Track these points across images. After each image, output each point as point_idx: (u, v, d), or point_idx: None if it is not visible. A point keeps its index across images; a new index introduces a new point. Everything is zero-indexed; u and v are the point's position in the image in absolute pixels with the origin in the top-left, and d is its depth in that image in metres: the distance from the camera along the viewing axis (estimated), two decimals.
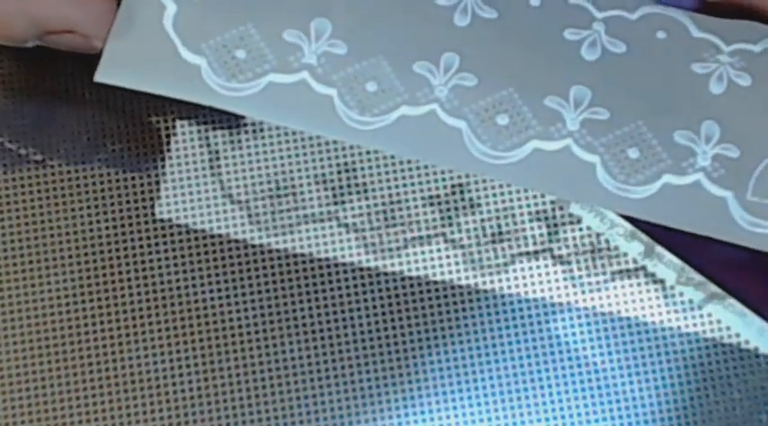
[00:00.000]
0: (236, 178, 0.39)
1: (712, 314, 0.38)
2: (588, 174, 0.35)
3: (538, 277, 0.38)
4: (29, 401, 0.37)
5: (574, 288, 0.38)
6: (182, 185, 0.38)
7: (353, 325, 0.38)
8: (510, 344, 0.38)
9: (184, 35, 0.35)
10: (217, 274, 0.38)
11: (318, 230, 0.38)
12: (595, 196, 0.35)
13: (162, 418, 0.37)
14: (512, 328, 0.38)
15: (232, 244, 0.38)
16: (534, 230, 0.39)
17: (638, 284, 0.38)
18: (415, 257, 0.38)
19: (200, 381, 0.37)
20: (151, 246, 0.38)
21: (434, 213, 0.39)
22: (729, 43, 0.36)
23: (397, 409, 0.38)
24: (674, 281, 0.38)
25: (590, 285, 0.38)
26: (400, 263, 0.38)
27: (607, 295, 0.38)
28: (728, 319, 0.38)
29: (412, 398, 0.38)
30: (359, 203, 0.39)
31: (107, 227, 0.38)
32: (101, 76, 0.35)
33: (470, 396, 0.38)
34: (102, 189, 0.38)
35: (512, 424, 0.38)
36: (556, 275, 0.38)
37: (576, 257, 0.38)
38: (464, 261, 0.38)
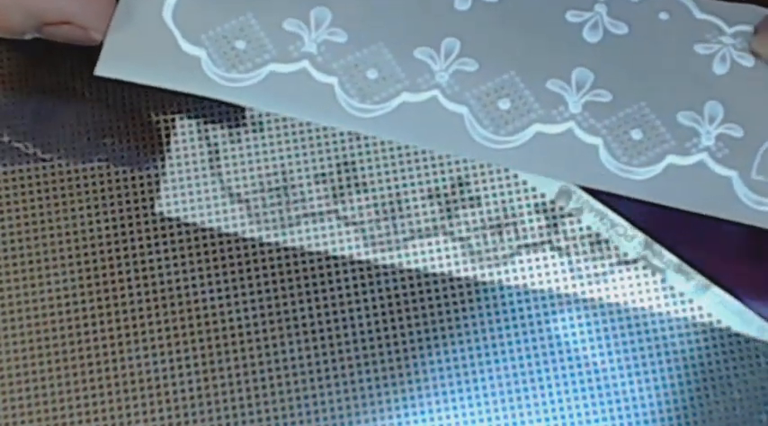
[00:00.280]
0: (235, 175, 0.39)
1: (712, 313, 0.38)
2: (591, 157, 0.35)
3: (537, 269, 0.38)
4: (29, 401, 0.37)
5: (573, 280, 0.38)
6: (181, 182, 0.38)
7: (353, 325, 0.38)
8: (510, 344, 0.38)
9: (184, 27, 0.35)
10: (216, 271, 0.38)
11: (319, 226, 0.38)
12: (599, 178, 0.35)
13: (162, 418, 0.37)
14: (511, 325, 0.38)
15: (232, 241, 0.38)
16: (534, 223, 0.38)
17: (636, 276, 0.38)
18: (417, 251, 0.38)
19: (200, 381, 0.37)
20: (151, 245, 0.38)
21: (434, 207, 0.39)
22: (732, 25, 0.36)
23: (397, 409, 0.38)
24: (672, 277, 0.38)
25: (589, 277, 0.38)
26: (401, 257, 0.38)
27: (606, 286, 0.38)
28: (722, 313, 0.38)
29: (412, 398, 0.38)
30: (359, 199, 0.39)
31: (107, 225, 0.38)
32: (101, 70, 0.35)
33: (470, 396, 0.38)
34: (101, 186, 0.38)
35: (512, 424, 0.38)
36: (555, 267, 0.38)
37: (576, 249, 0.38)
38: (465, 254, 0.38)
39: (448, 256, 0.38)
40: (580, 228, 0.38)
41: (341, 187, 0.39)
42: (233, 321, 0.38)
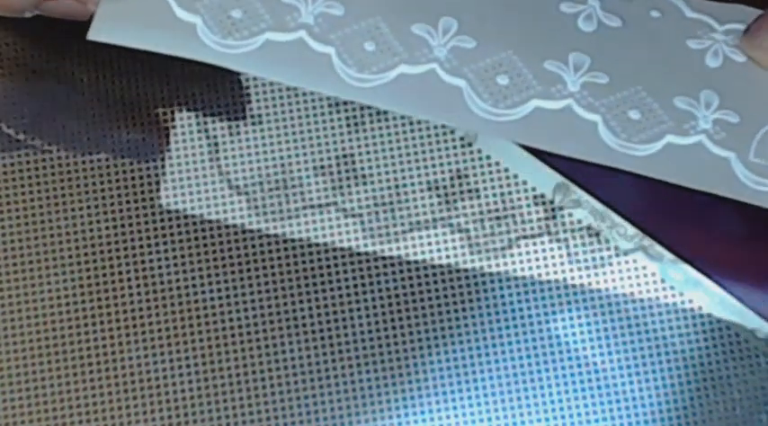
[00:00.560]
0: (235, 167, 0.39)
1: (712, 312, 0.38)
2: (590, 132, 0.35)
3: (536, 260, 0.38)
4: (29, 401, 0.37)
5: (572, 273, 0.38)
6: (181, 175, 0.38)
7: (352, 317, 0.38)
8: (510, 344, 0.38)
9: None
10: (216, 265, 0.38)
11: (319, 218, 0.38)
12: (599, 153, 0.35)
13: (162, 418, 0.37)
14: (510, 319, 0.38)
15: (231, 233, 0.38)
16: (533, 214, 0.39)
17: (637, 276, 0.38)
18: (416, 243, 0.38)
19: (200, 381, 0.37)
20: (150, 237, 0.38)
21: (434, 198, 0.39)
22: (723, 23, 0.36)
23: (397, 409, 0.37)
24: (665, 273, 0.38)
25: (588, 269, 0.38)
26: (401, 249, 0.38)
27: (605, 279, 0.38)
28: (722, 313, 0.38)
29: (412, 398, 0.38)
30: (359, 191, 0.39)
31: (105, 218, 0.38)
32: (94, 34, 0.35)
33: (470, 396, 0.38)
34: (101, 180, 0.38)
35: (512, 424, 0.38)
36: (554, 259, 0.38)
37: (575, 240, 0.38)
38: (464, 245, 0.38)
39: (447, 248, 0.38)
40: (580, 219, 0.39)
41: (341, 179, 0.39)
42: (233, 319, 0.38)
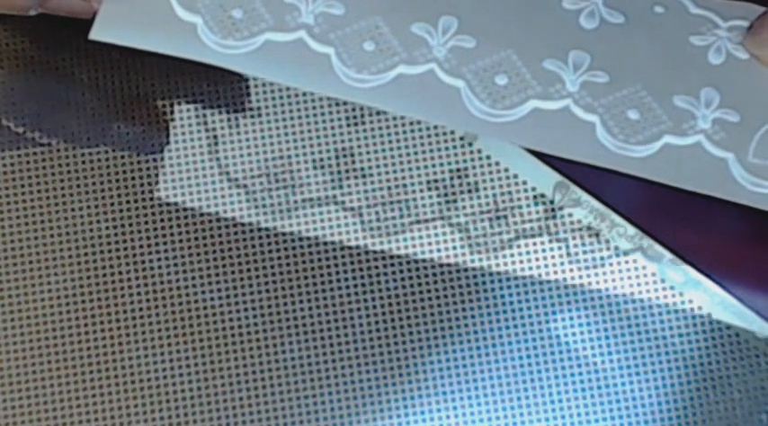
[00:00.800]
0: (235, 161, 0.39)
1: (712, 312, 0.38)
2: (588, 133, 0.35)
3: (534, 261, 0.38)
4: (29, 401, 0.37)
5: (572, 271, 0.38)
6: (181, 168, 0.38)
7: (351, 311, 0.38)
8: (510, 344, 0.38)
9: None
10: (216, 261, 0.38)
11: (317, 213, 0.38)
12: (595, 154, 0.35)
13: (162, 418, 0.37)
14: (510, 317, 0.38)
15: (231, 228, 0.38)
16: (533, 213, 0.39)
17: (637, 276, 0.38)
18: (415, 239, 0.38)
19: (200, 381, 0.37)
20: (150, 234, 0.38)
21: (434, 195, 0.39)
22: (727, 20, 0.36)
23: (397, 409, 0.37)
24: (665, 272, 0.38)
25: (587, 268, 0.38)
26: (400, 244, 0.38)
27: (604, 278, 0.38)
28: (722, 313, 0.38)
29: (412, 398, 0.38)
30: (358, 186, 0.39)
31: (105, 215, 0.38)
32: (96, 34, 0.35)
33: (470, 396, 0.38)
34: (101, 176, 0.38)
35: (512, 424, 0.38)
36: (553, 254, 0.38)
37: (573, 241, 0.38)
38: (463, 242, 0.38)
39: (446, 244, 0.38)
40: (579, 218, 0.39)
41: (340, 175, 0.39)
42: (233, 318, 0.38)
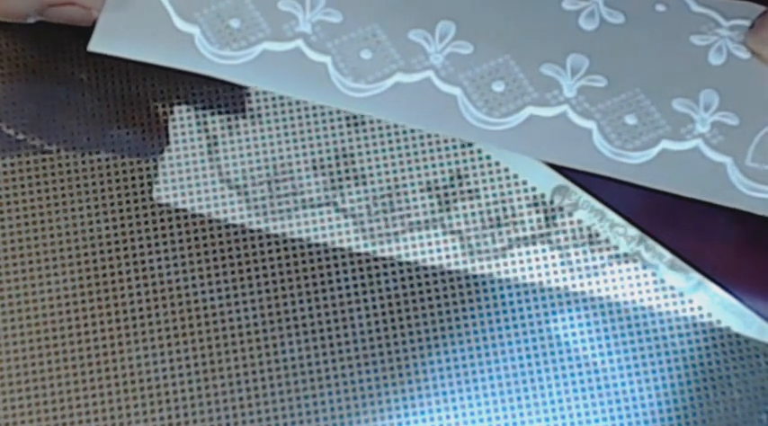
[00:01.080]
0: (233, 163, 0.39)
1: (712, 312, 0.38)
2: (584, 140, 0.35)
3: (534, 263, 0.38)
4: (29, 401, 0.37)
5: (572, 276, 0.38)
6: (179, 171, 0.38)
7: (351, 315, 0.38)
8: (510, 344, 0.38)
9: (178, 4, 0.35)
10: (215, 263, 0.38)
11: (316, 216, 0.38)
12: (591, 161, 0.35)
13: (162, 418, 0.37)
14: (510, 319, 0.38)
15: (230, 231, 0.38)
16: (531, 217, 0.39)
17: (636, 275, 0.38)
18: (413, 243, 0.38)
19: (200, 381, 0.37)
20: (150, 237, 0.38)
21: (432, 199, 0.39)
22: (728, 19, 0.36)
23: (397, 409, 0.37)
24: (665, 272, 0.38)
25: (588, 270, 0.38)
26: (397, 249, 0.38)
27: (605, 280, 0.38)
28: (722, 313, 0.38)
29: (412, 398, 0.38)
30: (357, 189, 0.39)
31: (105, 217, 0.38)
32: (94, 46, 0.35)
33: (470, 396, 0.38)
34: (100, 178, 0.38)
35: (512, 424, 0.38)
36: (553, 260, 0.38)
37: (574, 243, 0.38)
38: (461, 247, 0.38)
39: (444, 249, 0.38)
40: (577, 223, 0.39)
41: (339, 178, 0.39)
42: (233, 318, 0.38)
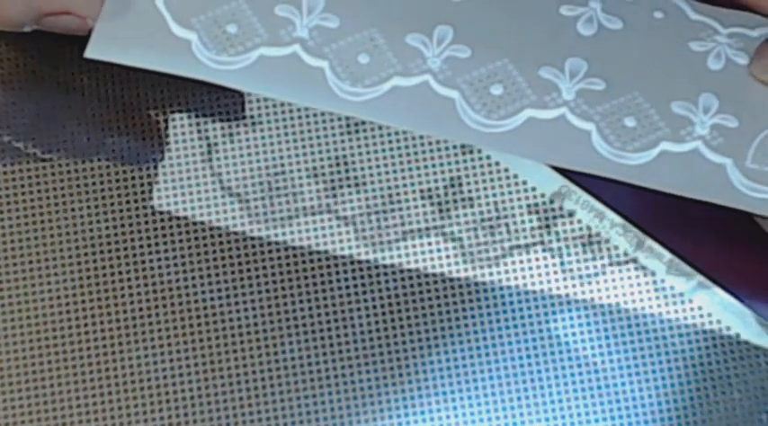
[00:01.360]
0: (231, 170, 0.39)
1: (712, 313, 0.38)
2: (583, 142, 0.35)
3: (533, 269, 0.38)
4: (29, 401, 0.37)
5: (572, 280, 0.38)
6: (178, 177, 0.39)
7: (351, 321, 0.38)
8: (510, 344, 0.38)
9: (175, 10, 0.35)
10: (215, 268, 0.38)
11: (314, 222, 0.38)
12: (591, 163, 0.35)
13: (162, 418, 0.37)
14: (511, 324, 0.38)
15: (231, 236, 0.38)
16: (528, 223, 0.39)
17: (636, 276, 0.38)
18: (410, 250, 0.38)
19: (200, 381, 0.37)
20: (149, 238, 0.38)
21: (429, 206, 0.39)
22: (726, 26, 0.36)
23: (397, 409, 0.37)
24: (665, 273, 0.38)
25: (589, 276, 0.38)
26: (394, 256, 0.38)
27: (606, 285, 0.38)
28: (722, 313, 0.38)
29: (412, 398, 0.38)
30: (354, 196, 0.39)
31: (106, 225, 0.38)
32: (91, 52, 0.35)
33: (470, 396, 0.38)
34: (100, 183, 0.38)
35: (512, 424, 0.38)
36: (552, 267, 0.38)
37: (571, 249, 0.38)
38: (459, 254, 0.38)
39: (441, 256, 0.38)
40: (579, 228, 0.39)
41: (335, 184, 0.39)
42: (233, 320, 0.38)
